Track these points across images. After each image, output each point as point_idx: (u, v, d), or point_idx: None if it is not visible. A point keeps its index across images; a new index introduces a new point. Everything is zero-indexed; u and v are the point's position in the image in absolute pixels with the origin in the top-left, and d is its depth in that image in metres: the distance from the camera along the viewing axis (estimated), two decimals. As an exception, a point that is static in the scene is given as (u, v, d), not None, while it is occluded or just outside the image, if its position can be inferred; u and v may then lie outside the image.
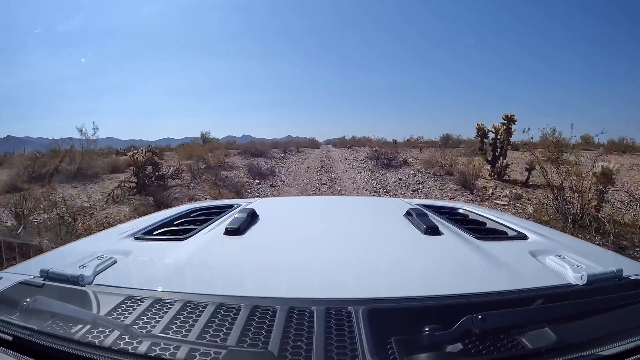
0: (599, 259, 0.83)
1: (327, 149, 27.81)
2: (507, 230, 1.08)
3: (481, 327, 0.51)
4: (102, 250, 0.84)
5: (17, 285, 0.69)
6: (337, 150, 24.73)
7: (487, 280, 0.73)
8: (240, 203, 1.41)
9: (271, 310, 0.57)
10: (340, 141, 37.25)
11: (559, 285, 0.69)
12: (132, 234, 1.02)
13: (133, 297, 0.62)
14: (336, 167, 12.84)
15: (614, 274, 0.68)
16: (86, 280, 0.68)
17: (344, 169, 12.35)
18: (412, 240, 0.96)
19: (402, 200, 1.55)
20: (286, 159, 16.46)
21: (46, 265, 0.71)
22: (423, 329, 0.51)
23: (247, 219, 1.05)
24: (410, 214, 1.11)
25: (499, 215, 1.28)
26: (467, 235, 0.97)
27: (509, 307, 0.59)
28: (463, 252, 0.86)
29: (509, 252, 0.87)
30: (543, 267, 0.77)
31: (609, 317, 0.60)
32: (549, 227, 1.24)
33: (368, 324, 0.54)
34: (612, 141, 18.03)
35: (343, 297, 0.62)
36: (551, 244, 0.93)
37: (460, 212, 1.35)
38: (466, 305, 0.59)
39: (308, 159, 16.72)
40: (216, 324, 0.54)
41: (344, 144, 31.83)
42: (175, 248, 0.89)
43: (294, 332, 0.52)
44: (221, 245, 0.94)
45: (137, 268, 0.81)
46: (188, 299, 0.61)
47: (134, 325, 0.54)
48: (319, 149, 29.59)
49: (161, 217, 1.22)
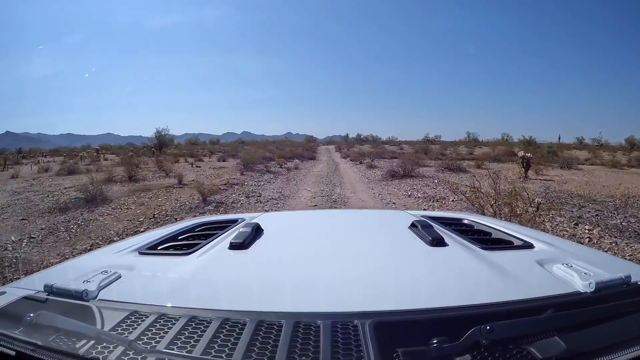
0: (606, 265, 0.82)
1: (330, 156, 23.72)
2: (513, 240, 1.07)
3: (489, 338, 0.50)
4: (107, 265, 0.84)
5: (20, 300, 0.69)
6: (350, 167, 16.20)
7: (494, 290, 0.73)
8: (244, 217, 1.41)
9: (277, 325, 0.56)
10: (343, 141, 33.00)
11: (567, 293, 0.68)
12: (136, 249, 1.02)
13: (137, 312, 0.62)
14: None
15: (622, 280, 0.68)
16: (90, 296, 0.68)
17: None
18: (418, 252, 0.96)
19: (406, 212, 1.55)
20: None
21: (50, 280, 0.71)
22: (431, 341, 0.51)
23: (251, 233, 1.05)
24: (415, 226, 1.11)
25: (504, 225, 1.27)
26: (472, 246, 0.97)
27: (517, 317, 0.58)
28: (469, 263, 0.86)
29: (516, 262, 0.87)
30: (550, 276, 0.77)
31: (618, 324, 0.60)
32: (555, 236, 1.24)
33: (375, 337, 0.53)
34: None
35: (349, 310, 0.61)
36: (558, 253, 0.93)
37: (465, 223, 1.34)
38: (474, 316, 0.58)
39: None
40: (221, 339, 0.54)
41: (345, 147, 28.50)
42: (179, 263, 0.89)
43: (300, 346, 0.52)
44: (226, 260, 0.93)
45: (141, 283, 0.81)
46: (193, 314, 0.60)
47: (139, 340, 0.54)
48: (315, 159, 21.28)
49: (165, 232, 1.23)
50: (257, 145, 22.99)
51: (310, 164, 18.20)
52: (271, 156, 18.55)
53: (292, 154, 22.41)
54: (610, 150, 26.39)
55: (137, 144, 22.61)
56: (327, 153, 28.68)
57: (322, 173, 13.84)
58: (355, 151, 26.25)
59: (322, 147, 34.11)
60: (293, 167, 15.62)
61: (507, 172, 12.06)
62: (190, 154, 24.49)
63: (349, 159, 21.08)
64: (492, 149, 24.55)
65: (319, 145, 33.72)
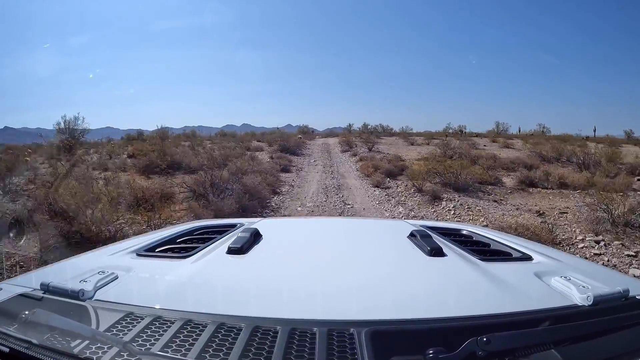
0: (604, 279, 0.82)
1: (327, 164, 11.60)
2: (512, 252, 1.07)
3: (486, 349, 0.50)
4: (104, 265, 0.84)
5: (16, 297, 0.69)
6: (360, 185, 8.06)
7: (491, 301, 0.72)
8: (243, 222, 1.41)
9: (272, 331, 0.56)
10: (347, 132, 23.62)
11: (564, 306, 0.68)
12: (134, 250, 1.02)
13: (133, 313, 0.62)
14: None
15: (620, 294, 0.68)
16: (86, 295, 0.68)
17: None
18: (416, 261, 0.95)
19: (405, 222, 1.55)
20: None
21: (47, 278, 0.71)
22: (427, 351, 0.50)
23: (250, 238, 1.05)
24: (414, 236, 1.11)
25: (503, 236, 1.27)
26: (471, 257, 0.96)
27: (515, 329, 0.58)
28: (467, 274, 0.85)
29: (514, 274, 0.87)
30: (548, 288, 0.76)
31: (616, 338, 0.59)
32: (553, 249, 1.24)
33: (371, 346, 0.53)
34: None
35: (346, 318, 0.61)
36: (556, 265, 0.92)
37: (464, 234, 1.34)
38: (471, 327, 0.58)
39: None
40: (216, 343, 0.53)
41: (355, 142, 17.19)
42: (177, 266, 0.89)
43: (296, 353, 0.51)
44: (223, 264, 0.93)
45: (138, 285, 0.81)
46: (189, 318, 0.60)
47: (133, 342, 0.53)
48: (304, 169, 10.86)
49: (164, 234, 1.23)
50: (239, 138, 17.33)
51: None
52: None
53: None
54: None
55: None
56: (322, 155, 15.10)
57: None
58: (381, 156, 13.01)
59: (318, 139, 23.04)
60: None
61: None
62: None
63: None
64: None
65: (316, 137, 23.08)
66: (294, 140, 18.10)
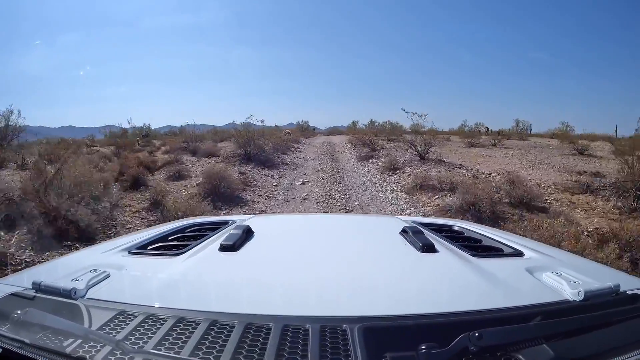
0: (595, 274, 0.83)
1: (336, 170, 8.15)
2: (503, 247, 1.08)
3: (478, 344, 0.51)
4: (96, 264, 0.83)
5: (7, 297, 0.68)
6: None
7: (483, 297, 0.73)
8: (235, 219, 1.40)
9: (265, 327, 0.56)
10: (352, 128, 20.51)
11: (556, 301, 0.69)
12: (126, 248, 1.01)
13: (125, 312, 0.61)
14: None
15: (611, 289, 0.68)
16: (78, 294, 0.67)
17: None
18: (408, 257, 0.96)
19: (397, 218, 1.55)
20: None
21: (39, 277, 0.70)
22: (419, 347, 0.51)
23: (242, 235, 1.05)
24: (406, 232, 1.12)
25: (494, 232, 1.28)
26: (463, 253, 0.97)
27: (506, 324, 0.59)
28: (459, 270, 0.86)
29: (505, 269, 0.87)
30: (540, 284, 0.77)
31: (606, 333, 0.60)
32: (545, 244, 1.25)
33: (363, 342, 0.53)
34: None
35: (338, 315, 0.61)
36: (547, 261, 0.93)
37: (455, 230, 1.35)
38: (463, 323, 0.58)
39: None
40: (209, 340, 0.53)
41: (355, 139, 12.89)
42: (169, 263, 0.89)
43: (289, 350, 0.51)
44: (216, 261, 0.93)
45: (130, 283, 0.80)
46: (181, 315, 0.60)
47: (126, 340, 0.53)
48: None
49: (156, 232, 1.22)
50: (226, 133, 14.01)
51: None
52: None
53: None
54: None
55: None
56: (323, 168, 9.20)
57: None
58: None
59: (319, 138, 19.24)
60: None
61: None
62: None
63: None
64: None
65: (317, 135, 21.02)
66: (277, 138, 12.20)
